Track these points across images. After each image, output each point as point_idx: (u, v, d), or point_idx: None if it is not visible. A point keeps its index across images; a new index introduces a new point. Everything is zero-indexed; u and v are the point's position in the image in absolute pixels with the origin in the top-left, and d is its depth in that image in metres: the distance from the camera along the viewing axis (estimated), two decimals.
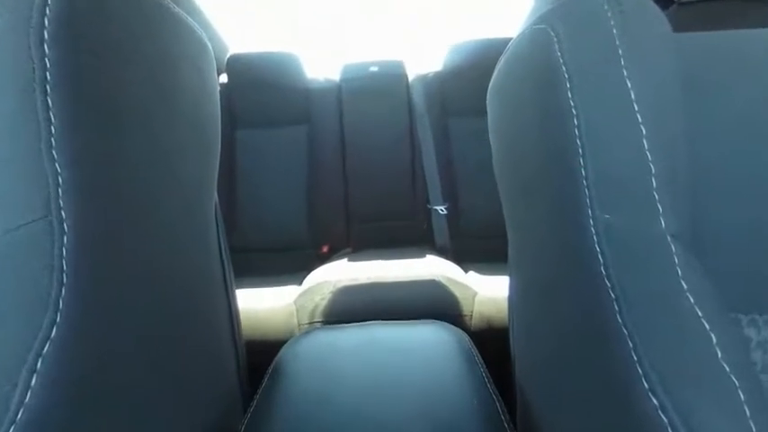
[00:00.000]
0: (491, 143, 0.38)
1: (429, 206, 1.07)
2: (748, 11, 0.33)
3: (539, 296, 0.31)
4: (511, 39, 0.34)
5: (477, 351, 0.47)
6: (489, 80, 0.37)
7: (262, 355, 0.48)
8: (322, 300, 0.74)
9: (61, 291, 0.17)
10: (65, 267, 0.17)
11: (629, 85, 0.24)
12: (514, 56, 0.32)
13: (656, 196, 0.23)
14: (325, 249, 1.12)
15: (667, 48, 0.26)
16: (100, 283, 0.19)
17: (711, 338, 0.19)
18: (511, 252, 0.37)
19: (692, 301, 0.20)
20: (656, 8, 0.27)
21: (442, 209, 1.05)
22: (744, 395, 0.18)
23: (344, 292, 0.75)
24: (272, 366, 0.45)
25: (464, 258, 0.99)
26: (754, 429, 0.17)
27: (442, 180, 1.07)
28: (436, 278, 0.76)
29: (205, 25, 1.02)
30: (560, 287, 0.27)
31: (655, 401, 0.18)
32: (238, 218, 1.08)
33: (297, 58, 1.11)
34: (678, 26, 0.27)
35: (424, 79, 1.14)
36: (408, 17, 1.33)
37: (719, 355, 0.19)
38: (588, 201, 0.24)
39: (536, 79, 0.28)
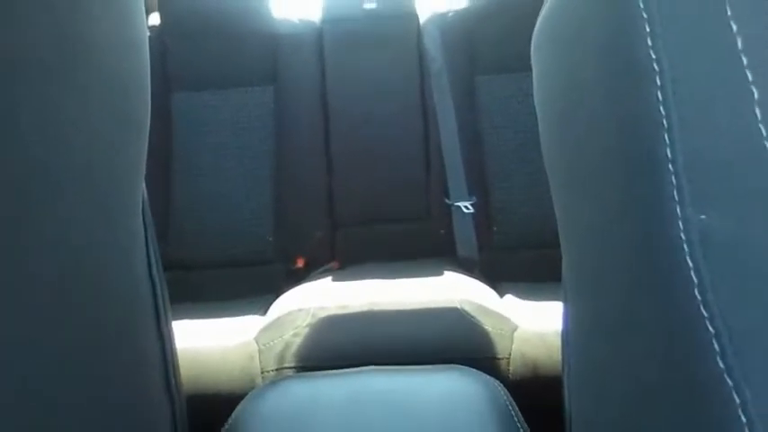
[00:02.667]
0: (537, 113, 0.38)
1: (449, 202, 1.07)
2: None
3: (608, 331, 0.32)
4: None
5: (515, 407, 0.47)
6: (534, 23, 0.38)
7: (210, 414, 0.48)
8: (295, 336, 0.74)
9: None
10: None
11: (735, 29, 0.25)
12: None
13: None
14: (299, 264, 1.12)
15: None
16: None
17: None
18: (566, 268, 0.37)
19: None
20: None
21: (467, 206, 1.05)
22: None
23: (328, 324, 0.75)
24: (224, 430, 0.45)
25: (498, 276, 1.00)
26: None
27: (466, 165, 1.07)
28: (459, 305, 0.77)
29: None
30: (638, 319, 0.28)
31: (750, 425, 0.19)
32: (175, 220, 1.08)
33: None
34: None
35: (441, 21, 1.14)
36: None
37: None
38: (676, 195, 0.24)
39: (602, 23, 0.29)
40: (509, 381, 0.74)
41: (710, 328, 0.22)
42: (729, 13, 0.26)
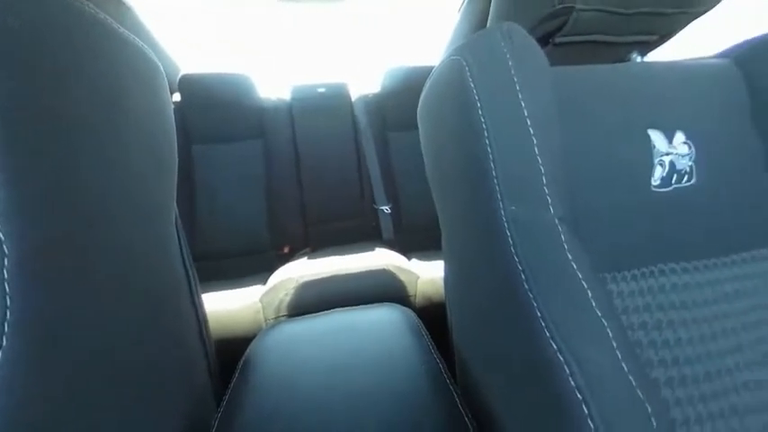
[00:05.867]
0: (423, 153, 0.39)
1: (375, 206, 1.08)
2: (599, 50, 0.37)
3: (466, 274, 0.33)
4: (434, 66, 0.35)
5: (422, 325, 0.48)
6: (419, 101, 0.38)
7: (233, 353, 0.45)
8: (286, 295, 0.71)
9: (6, 315, 0.14)
10: (7, 290, 0.15)
11: (523, 105, 0.27)
12: (437, 81, 0.34)
13: (546, 191, 0.26)
14: (286, 250, 1.07)
15: (547, 78, 0.29)
16: (50, 302, 0.16)
17: (588, 294, 0.22)
18: (444, 241, 0.38)
19: (574, 267, 0.23)
20: (538, 46, 0.30)
21: (386, 208, 1.06)
22: (611, 333, 0.21)
23: (307, 286, 0.73)
24: (242, 361, 0.43)
25: (407, 249, 1.02)
26: (619, 356, 0.20)
27: (385, 184, 1.08)
28: (385, 267, 0.77)
29: (154, 46, 0.92)
30: (482, 265, 0.29)
31: (554, 346, 0.20)
32: (200, 227, 0.99)
33: (249, 79, 1.04)
34: (553, 62, 0.31)
35: (365, 99, 1.14)
36: (339, 48, 1.30)
37: (594, 305, 0.22)
38: (499, 196, 0.26)
39: (454, 101, 0.30)
40: (416, 309, 0.75)
41: (520, 267, 0.24)
42: (520, 97, 0.28)
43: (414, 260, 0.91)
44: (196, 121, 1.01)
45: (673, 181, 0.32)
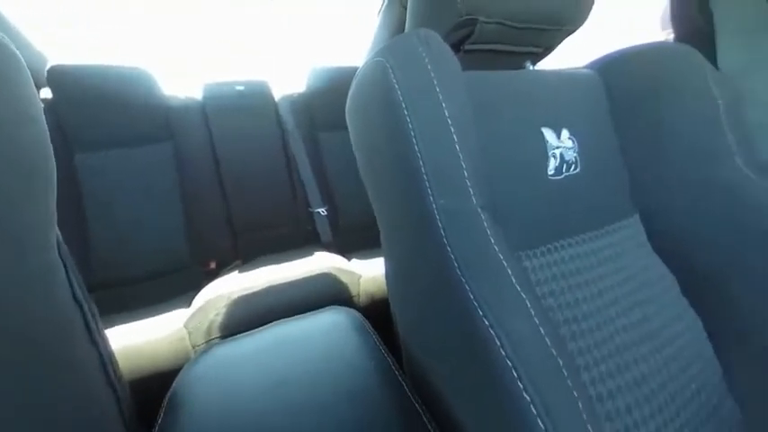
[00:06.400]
0: (355, 153, 0.39)
1: (311, 210, 1.04)
2: (500, 59, 0.43)
3: (405, 268, 0.34)
4: (358, 67, 0.36)
5: (368, 323, 0.48)
6: (346, 101, 0.38)
7: (158, 390, 0.40)
8: (217, 315, 0.64)
9: None
10: None
11: (444, 106, 0.29)
12: (363, 82, 0.34)
13: (468, 183, 0.28)
14: (212, 265, 0.96)
15: (461, 81, 0.32)
16: None
17: (509, 272, 0.25)
18: (382, 238, 0.39)
19: (496, 249, 0.26)
20: (452, 52, 0.33)
21: (322, 211, 1.04)
22: (529, 303, 0.24)
23: (241, 302, 0.67)
24: (167, 398, 0.37)
25: (347, 250, 1.01)
26: (537, 323, 0.24)
27: (319, 186, 1.05)
28: (326, 270, 0.75)
29: (12, 34, 0.74)
30: (418, 258, 0.30)
31: (486, 322, 0.23)
32: (97, 251, 0.83)
33: (148, 73, 0.90)
34: (464, 67, 0.34)
35: (290, 99, 1.10)
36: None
37: (514, 281, 0.25)
38: (429, 191, 0.27)
39: (381, 101, 0.31)
40: (361, 308, 0.75)
41: (452, 256, 0.26)
42: (441, 98, 0.30)
43: (354, 260, 0.91)
44: (77, 123, 0.83)
45: (563, 170, 0.38)
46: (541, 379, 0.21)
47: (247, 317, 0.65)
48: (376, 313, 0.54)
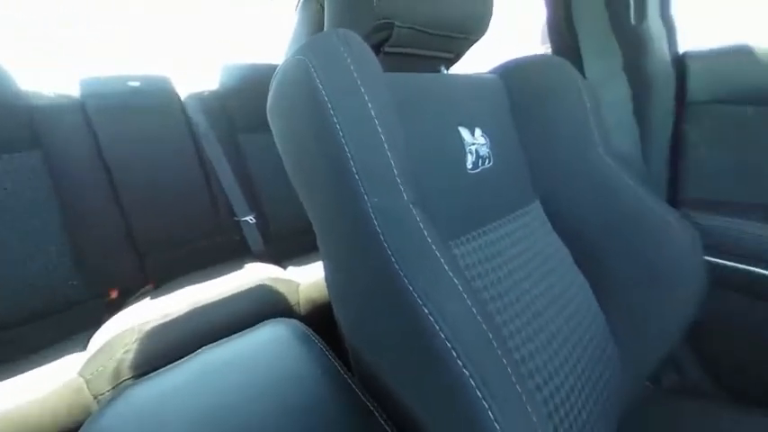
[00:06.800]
0: (282, 155, 0.37)
1: (236, 218, 0.96)
2: (418, 62, 0.46)
3: (344, 269, 0.34)
4: (275, 65, 0.35)
5: (311, 331, 0.46)
6: (266, 100, 0.36)
7: None
8: (126, 353, 0.54)
9: None
10: None
11: (370, 106, 0.30)
12: (284, 81, 0.33)
13: (398, 180, 0.30)
14: (114, 295, 0.81)
15: (383, 81, 0.33)
16: None
17: (441, 261, 0.28)
18: (319, 241, 0.38)
19: (429, 242, 0.28)
20: (372, 53, 0.34)
21: (250, 218, 0.96)
22: (461, 288, 0.27)
23: (156, 333, 0.57)
24: None
25: (281, 257, 0.95)
26: (469, 304, 0.26)
27: (244, 192, 0.97)
28: (261, 282, 0.70)
29: None
30: (357, 257, 0.31)
31: (426, 310, 0.25)
32: None
33: (1, 68, 0.72)
34: (385, 68, 0.35)
35: (198, 97, 0.98)
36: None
37: (447, 269, 0.27)
38: (363, 190, 0.28)
39: (305, 102, 0.31)
40: (303, 317, 0.72)
41: (389, 251, 0.26)
42: (366, 99, 0.30)
43: (291, 268, 0.87)
44: None
45: (479, 165, 0.43)
46: (476, 354, 0.24)
47: (167, 349, 0.56)
48: (320, 319, 0.53)
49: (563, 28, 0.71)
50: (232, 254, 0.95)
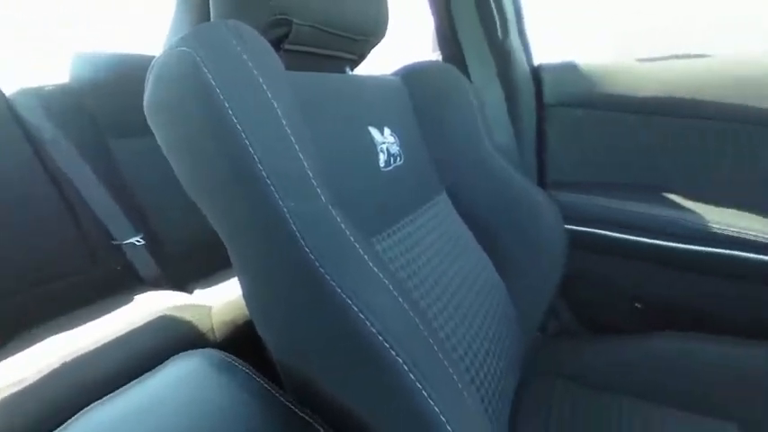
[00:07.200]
0: (170, 160, 0.32)
1: (116, 242, 0.78)
2: (322, 61, 0.45)
3: (264, 281, 0.32)
4: (145, 56, 0.30)
5: (231, 356, 0.41)
6: (140, 97, 0.31)
7: None
8: None
9: None
10: None
11: (276, 105, 0.28)
12: (166, 75, 0.29)
13: (314, 183, 0.29)
14: None
15: (286, 79, 0.32)
16: None
17: (365, 258, 0.28)
18: (231, 255, 0.34)
19: (352, 240, 0.29)
20: (272, 49, 0.32)
21: (136, 240, 0.79)
22: (387, 281, 0.28)
23: (7, 407, 0.43)
24: None
25: (184, 280, 0.82)
26: (396, 295, 0.28)
27: (124, 210, 0.79)
28: (161, 314, 0.59)
29: None
30: (275, 266, 0.30)
31: (355, 308, 0.25)
32: None
33: None
34: (288, 67, 0.35)
35: (37, 94, 0.76)
36: None
37: (371, 265, 0.28)
38: (277, 195, 0.26)
39: (197, 100, 0.27)
40: (220, 342, 0.64)
41: (312, 256, 0.26)
42: (270, 96, 0.29)
43: (198, 291, 0.76)
44: None
45: (392, 162, 0.46)
46: (406, 340, 0.25)
47: (29, 420, 0.43)
48: (242, 341, 0.48)
49: (450, 38, 0.81)
50: (115, 287, 0.78)
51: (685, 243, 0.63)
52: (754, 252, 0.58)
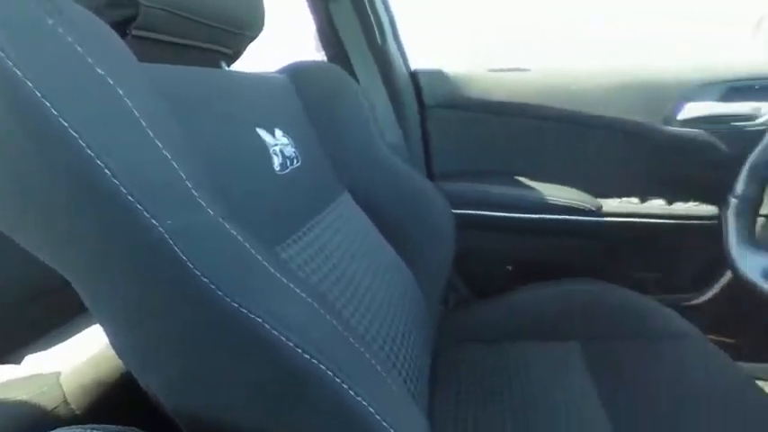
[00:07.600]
0: None
1: None
2: (190, 54, 0.40)
3: (140, 321, 0.26)
4: None
5: (100, 426, 0.32)
6: None
7: None
8: None
9: None
10: None
11: (131, 105, 0.22)
12: None
13: (195, 194, 0.24)
14: None
15: (139, 71, 0.26)
16: None
17: (269, 268, 0.26)
18: (86, 297, 0.26)
19: (253, 252, 0.25)
20: (116, 34, 0.26)
21: None
22: (298, 289, 0.26)
23: None
24: None
25: (11, 347, 0.59)
26: (309, 301, 0.26)
27: None
28: None
29: None
30: (161, 299, 0.24)
31: (267, 326, 0.22)
32: None
33: None
34: (142, 58, 0.28)
35: None
36: None
37: (279, 276, 0.26)
38: (146, 214, 0.21)
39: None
40: (80, 414, 0.49)
41: (205, 279, 0.22)
42: (122, 93, 0.23)
43: (28, 357, 0.56)
44: None
45: (288, 165, 0.45)
46: (327, 347, 0.24)
47: None
48: (114, 401, 0.41)
49: (332, 39, 0.82)
50: None
51: (528, 213, 0.85)
52: (576, 215, 0.83)
